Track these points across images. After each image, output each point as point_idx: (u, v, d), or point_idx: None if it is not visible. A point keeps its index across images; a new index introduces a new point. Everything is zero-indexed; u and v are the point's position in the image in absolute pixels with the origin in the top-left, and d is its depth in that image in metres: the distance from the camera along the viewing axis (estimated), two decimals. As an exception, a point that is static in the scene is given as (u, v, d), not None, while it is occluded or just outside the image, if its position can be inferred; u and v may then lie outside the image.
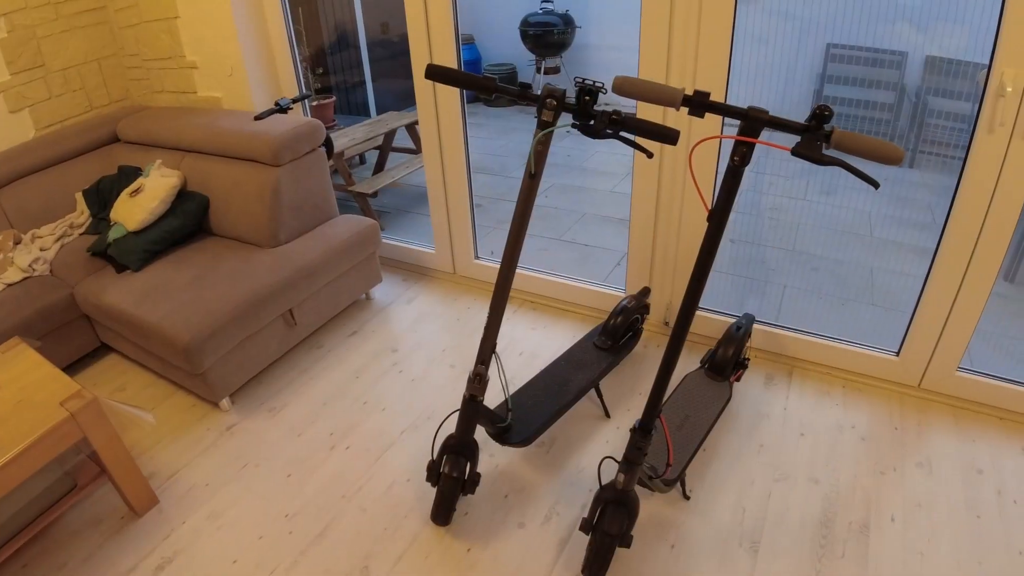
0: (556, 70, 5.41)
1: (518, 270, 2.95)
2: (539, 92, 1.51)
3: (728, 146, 1.42)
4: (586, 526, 1.75)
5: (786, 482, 2.07)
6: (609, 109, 1.47)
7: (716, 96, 2.19)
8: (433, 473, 1.91)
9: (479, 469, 2.14)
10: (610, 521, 1.70)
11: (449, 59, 2.56)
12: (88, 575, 1.90)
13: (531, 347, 2.71)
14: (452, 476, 1.86)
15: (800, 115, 1.33)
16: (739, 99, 3.79)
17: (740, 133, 1.34)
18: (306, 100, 3.09)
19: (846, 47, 3.71)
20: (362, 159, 4.63)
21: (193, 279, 2.45)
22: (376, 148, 4.10)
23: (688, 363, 2.57)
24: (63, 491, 1.98)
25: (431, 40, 2.55)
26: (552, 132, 1.53)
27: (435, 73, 1.53)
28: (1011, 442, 2.19)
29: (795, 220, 3.45)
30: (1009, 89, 1.80)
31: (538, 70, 5.40)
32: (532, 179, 1.58)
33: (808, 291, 2.95)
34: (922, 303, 2.23)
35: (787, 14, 3.56)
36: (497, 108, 5.71)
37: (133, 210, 2.59)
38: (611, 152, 4.77)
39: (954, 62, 3.46)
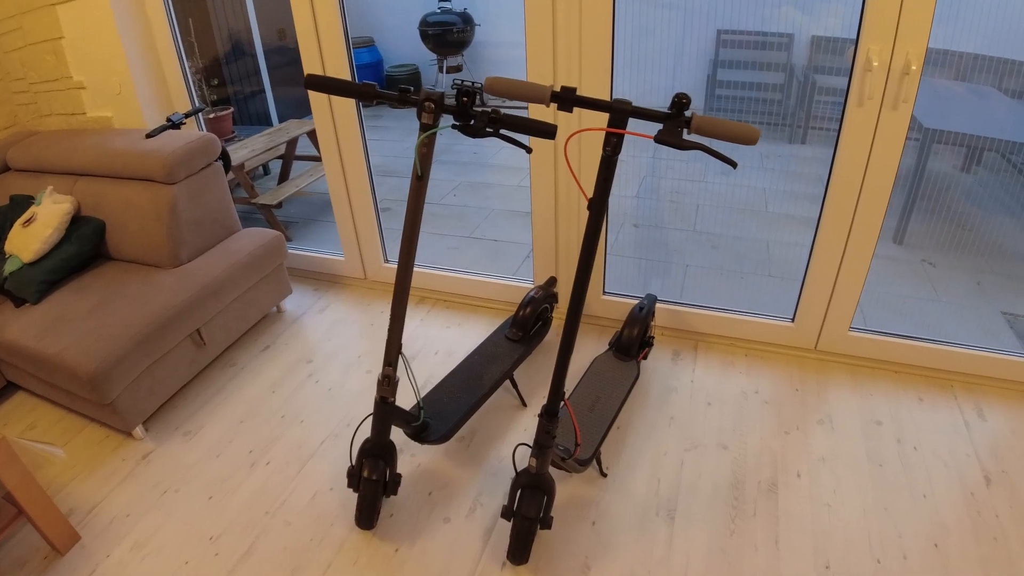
0: (459, 68, 5.45)
1: (429, 270, 2.98)
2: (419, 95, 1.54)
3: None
4: (507, 512, 1.81)
5: (697, 450, 2.18)
6: (488, 108, 1.52)
7: (601, 88, 2.28)
8: (354, 478, 1.93)
9: (400, 470, 2.17)
10: (527, 505, 1.76)
11: (341, 64, 2.56)
12: (11, 620, 1.84)
13: (446, 345, 2.75)
14: (372, 479, 1.88)
15: (696, 100, 1.40)
16: (633, 90, 3.93)
17: (609, 124, 1.41)
18: (199, 114, 3.02)
19: (736, 32, 3.87)
20: (266, 169, 4.55)
21: (94, 306, 2.37)
22: (279, 158, 4.03)
23: (599, 346, 2.66)
24: (-26, 536, 1.91)
25: (321, 46, 2.54)
26: (435, 134, 1.57)
27: (314, 83, 1.54)
28: (906, 393, 2.36)
29: (695, 202, 3.60)
30: (876, 64, 1.94)
31: (440, 69, 5.43)
32: (420, 181, 1.61)
33: (709, 268, 3.09)
34: (810, 270, 2.38)
35: (675, 5, 3.68)
36: (403, 110, 5.71)
37: (27, 240, 2.49)
38: (517, 148, 4.84)
39: (837, 40, 3.67)
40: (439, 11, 5.17)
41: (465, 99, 1.50)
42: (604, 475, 2.11)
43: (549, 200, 2.57)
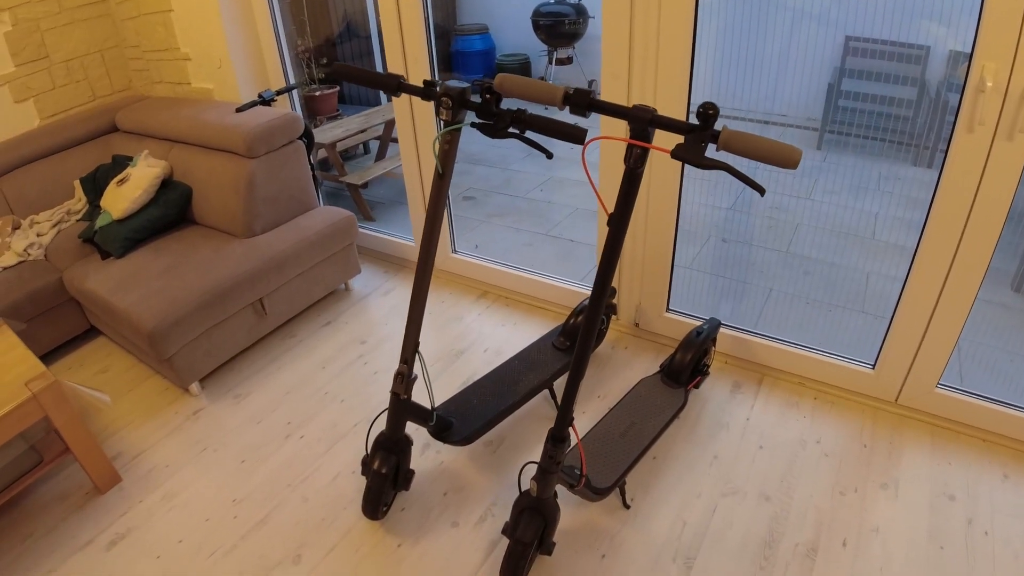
0: (568, 60, 5.32)
1: (495, 265, 2.93)
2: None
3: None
4: (508, 530, 1.73)
5: (735, 497, 2.00)
6: (514, 108, 1.43)
7: (679, 92, 2.11)
8: (366, 467, 1.93)
9: (422, 466, 2.15)
10: (523, 529, 1.68)
11: (421, 54, 2.54)
12: (49, 546, 1.99)
13: (496, 344, 2.68)
14: (380, 472, 1.87)
15: (814, 109, 1.24)
16: (740, 94, 3.66)
17: (630, 134, 1.28)
18: (294, 91, 3.12)
19: (866, 40, 3.53)
20: (366, 148, 4.66)
21: (167, 267, 2.52)
22: (377, 138, 4.11)
23: (651, 367, 2.50)
24: (30, 465, 2.08)
25: (403, 33, 2.54)
26: (458, 131, 1.50)
27: (340, 72, 1.52)
28: (991, 467, 2.05)
29: (795, 220, 3.31)
30: (989, 84, 1.67)
31: (550, 60, 5.32)
32: (441, 179, 1.55)
33: (795, 296, 2.83)
34: (900, 311, 2.11)
35: (793, 8, 3.41)
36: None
37: (118, 199, 2.67)
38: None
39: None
40: (553, 1, 5.06)
41: (488, 96, 1.42)
42: (627, 507, 1.98)
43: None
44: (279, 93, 2.83)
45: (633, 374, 2.47)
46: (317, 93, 4.26)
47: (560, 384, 2.42)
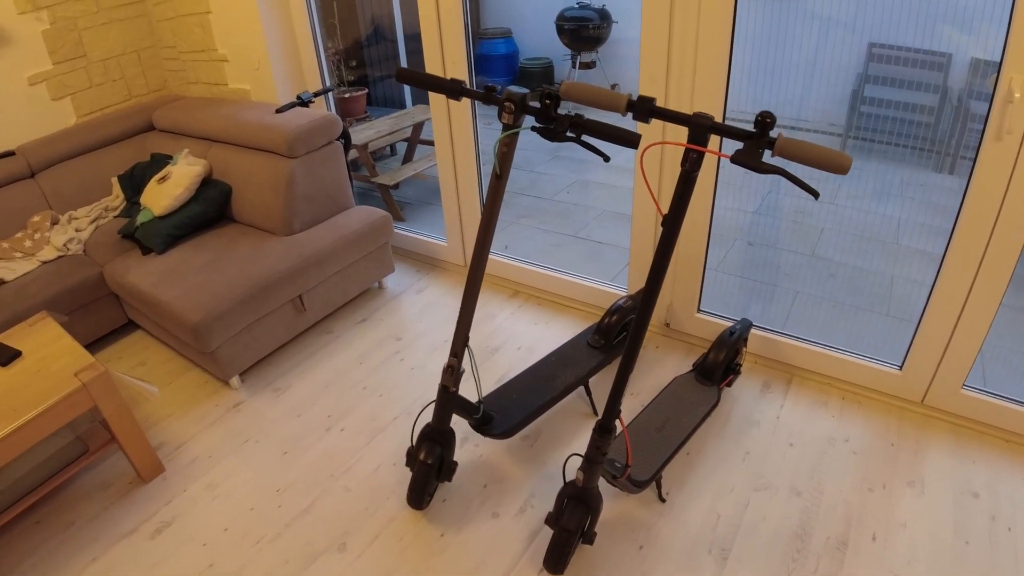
0: (592, 64, 5.38)
1: (527, 265, 2.99)
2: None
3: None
4: (551, 520, 1.79)
5: (766, 492, 2.05)
6: (572, 113, 1.49)
7: (716, 98, 2.17)
8: (411, 458, 1.98)
9: (460, 458, 2.21)
10: (568, 517, 1.73)
11: (459, 57, 2.60)
12: (92, 534, 2.05)
13: (529, 342, 2.74)
14: (426, 463, 1.93)
15: (837, 115, 1.30)
16: (764, 100, 3.72)
17: (688, 140, 1.34)
18: (330, 93, 3.19)
19: (889, 47, 3.58)
20: (393, 150, 4.73)
21: (208, 263, 2.58)
22: (405, 140, 4.18)
23: (683, 366, 2.56)
24: (75, 454, 2.14)
25: (443, 38, 2.60)
26: (517, 134, 1.56)
27: (404, 76, 1.58)
28: (1014, 466, 2.10)
29: (819, 224, 3.36)
30: (1017, 95, 1.73)
31: (573, 64, 5.39)
32: (499, 180, 1.61)
33: (821, 298, 2.88)
34: (927, 314, 2.16)
35: (818, 15, 3.46)
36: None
37: (159, 196, 2.74)
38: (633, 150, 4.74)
39: (998, 65, 3.32)
40: (577, 6, 5.13)
41: (548, 102, 1.48)
42: (663, 500, 2.03)
43: (650, 207, 2.49)
44: (317, 95, 2.90)
45: (664, 372, 2.53)
46: (347, 95, 4.33)
47: (595, 381, 2.48)
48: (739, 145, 1.31)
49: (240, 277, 2.48)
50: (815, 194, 1.28)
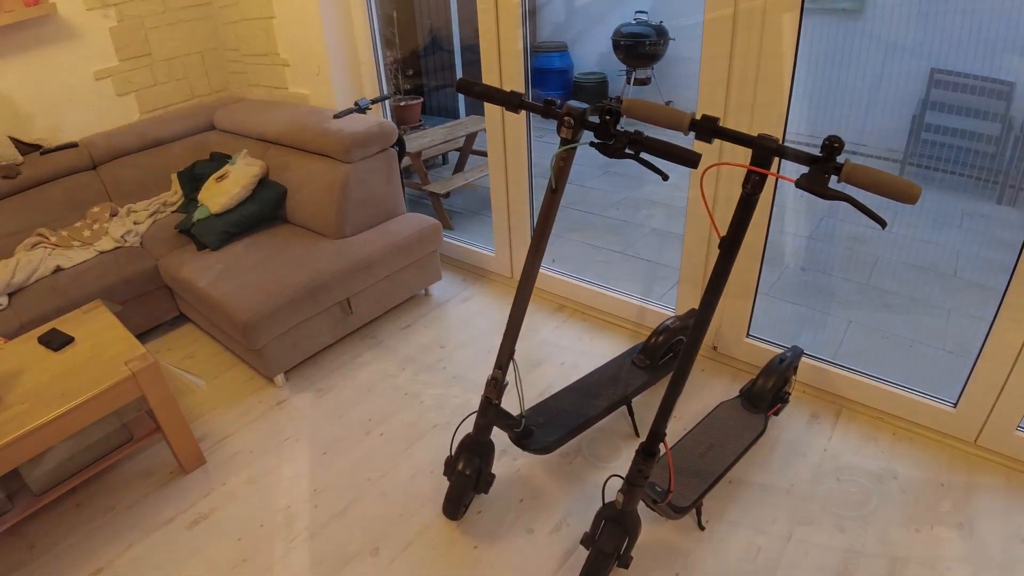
0: (647, 81, 5.35)
1: (574, 280, 2.97)
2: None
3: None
4: (587, 540, 1.76)
5: (810, 527, 1.99)
6: (631, 130, 1.48)
7: (777, 120, 2.13)
8: (449, 468, 1.98)
9: (498, 471, 2.19)
10: (606, 539, 1.70)
11: (516, 70, 2.62)
12: (131, 520, 2.10)
13: (573, 357, 2.72)
14: (464, 474, 1.92)
15: (897, 141, 1.27)
16: (822, 123, 3.64)
17: (752, 162, 1.32)
18: (386, 101, 3.23)
19: (952, 73, 3.49)
20: (444, 159, 4.77)
21: (260, 262, 2.63)
22: (457, 150, 4.22)
23: (730, 391, 2.51)
24: (120, 441, 2.20)
25: (500, 50, 2.62)
26: (574, 149, 1.55)
27: (464, 87, 1.59)
28: (1069, 515, 2.01)
29: (875, 252, 3.27)
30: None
31: (628, 80, 5.37)
32: (554, 194, 1.61)
33: (875, 329, 2.80)
34: (985, 351, 2.08)
35: (878, 37, 3.39)
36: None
37: (217, 194, 2.81)
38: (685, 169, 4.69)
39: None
40: (634, 22, 5.11)
41: (607, 117, 1.47)
42: (702, 528, 1.99)
43: (703, 227, 2.46)
44: (374, 102, 2.94)
45: (710, 397, 2.48)
46: (403, 103, 4.39)
47: (638, 401, 2.45)
48: (801, 168, 1.29)
49: (291, 277, 2.52)
50: (882, 223, 1.24)
